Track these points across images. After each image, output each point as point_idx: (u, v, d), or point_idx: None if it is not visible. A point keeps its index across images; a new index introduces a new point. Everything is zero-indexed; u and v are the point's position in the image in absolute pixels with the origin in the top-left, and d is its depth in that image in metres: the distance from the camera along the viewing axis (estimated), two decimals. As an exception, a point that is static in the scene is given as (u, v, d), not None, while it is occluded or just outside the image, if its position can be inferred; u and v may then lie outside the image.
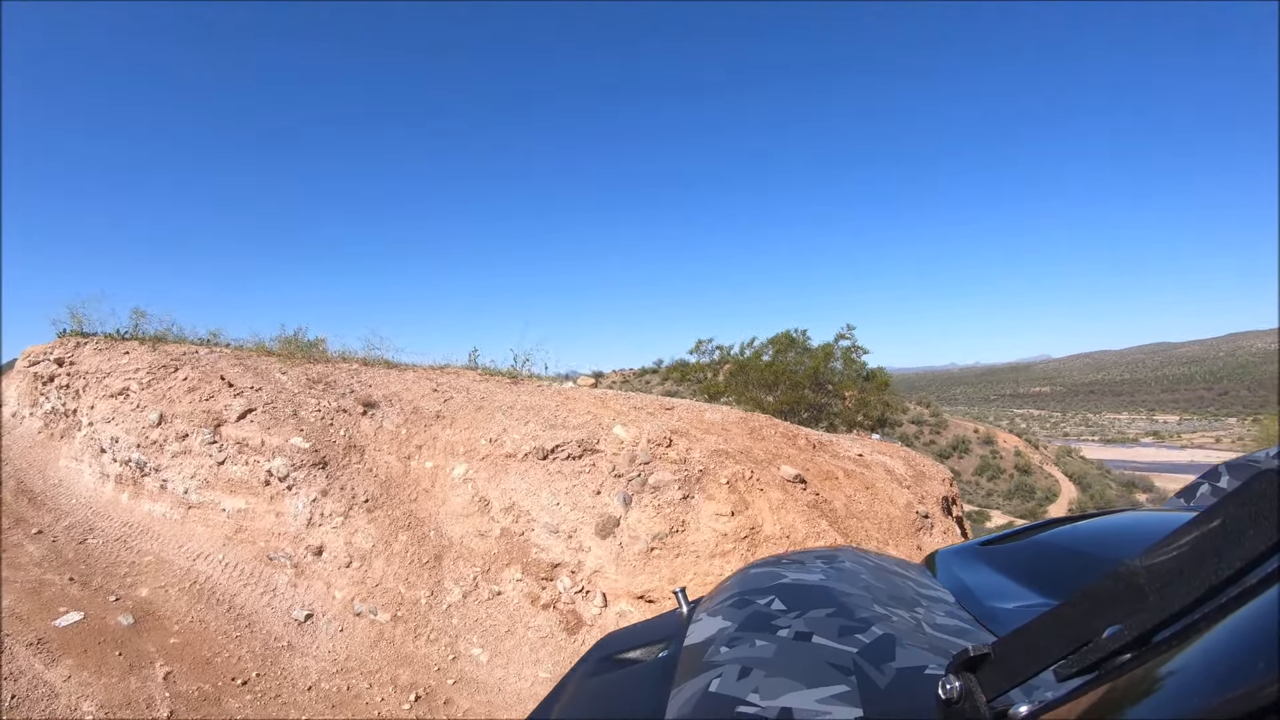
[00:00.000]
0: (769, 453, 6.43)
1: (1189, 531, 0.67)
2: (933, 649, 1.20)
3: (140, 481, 7.54)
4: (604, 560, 5.54)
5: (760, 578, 1.66)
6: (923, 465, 7.39)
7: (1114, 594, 0.72)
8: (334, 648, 5.71)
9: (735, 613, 1.46)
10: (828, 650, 1.20)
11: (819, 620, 1.33)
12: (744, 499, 5.67)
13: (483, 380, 8.24)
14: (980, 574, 1.74)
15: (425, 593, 5.84)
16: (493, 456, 6.41)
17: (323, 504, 6.39)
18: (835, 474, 6.34)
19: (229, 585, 6.38)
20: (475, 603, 5.73)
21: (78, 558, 6.94)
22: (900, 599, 1.50)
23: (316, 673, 5.49)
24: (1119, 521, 2.01)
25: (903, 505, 6.20)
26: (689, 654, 1.36)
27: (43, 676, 5.13)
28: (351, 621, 5.86)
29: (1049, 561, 1.73)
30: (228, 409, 7.20)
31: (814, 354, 15.51)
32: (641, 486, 5.79)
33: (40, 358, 9.68)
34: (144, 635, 5.80)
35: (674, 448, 6.08)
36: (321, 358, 8.72)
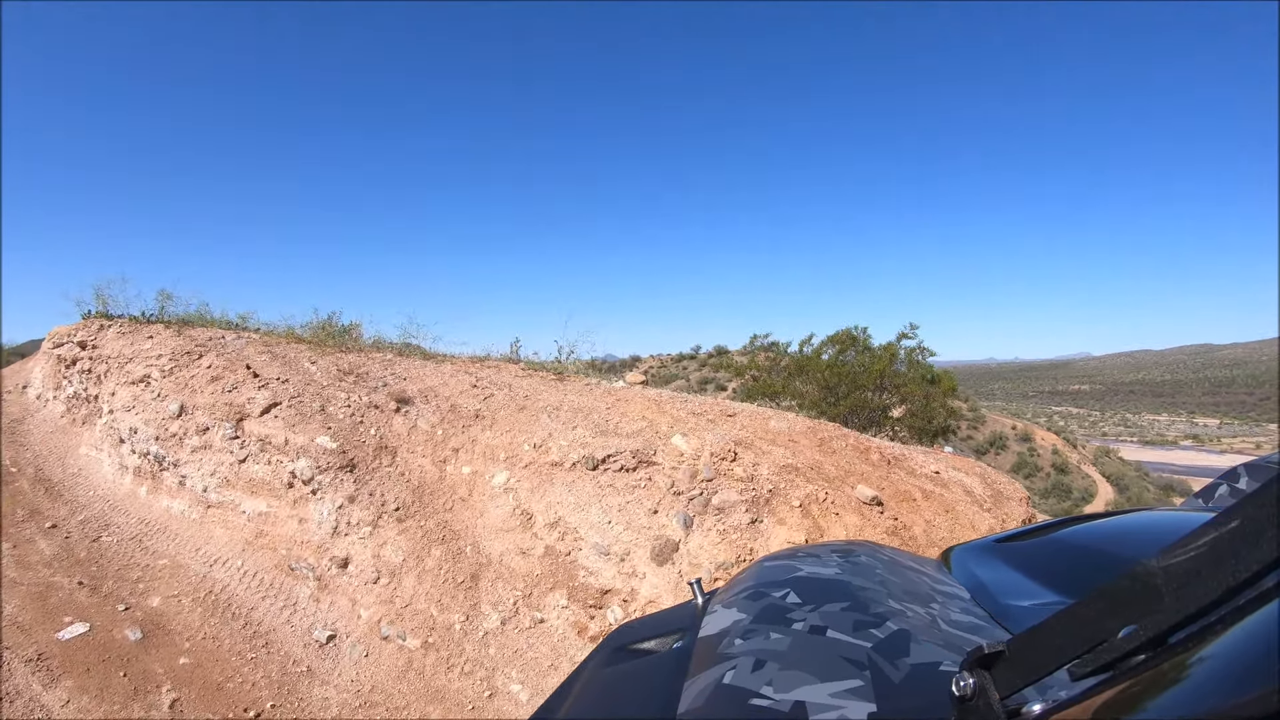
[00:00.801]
0: (841, 469, 5.64)
1: (1207, 532, 0.65)
2: (947, 645, 1.17)
3: (159, 476, 6.98)
4: (660, 590, 4.79)
5: (776, 570, 1.64)
6: (1000, 483, 6.57)
7: (1130, 594, 0.70)
8: (358, 676, 5.06)
9: (750, 605, 1.45)
10: (842, 644, 1.18)
11: (834, 614, 1.31)
12: (818, 524, 4.89)
13: (526, 375, 7.50)
14: (996, 571, 1.70)
15: (460, 617, 5.14)
16: (537, 464, 5.68)
17: (349, 511, 5.73)
18: (913, 495, 5.55)
19: (246, 597, 5.78)
20: (515, 631, 5.03)
21: (90, 557, 6.43)
22: (915, 594, 1.48)
23: (337, 705, 4.86)
24: (1136, 520, 1.99)
25: (984, 531, 5.39)
26: (703, 645, 1.35)
27: (40, 699, 4.67)
28: (378, 646, 5.20)
29: (1065, 559, 1.70)
30: (251, 402, 6.57)
31: (877, 354, 14.49)
32: (704, 507, 5.02)
33: (65, 339, 9.17)
34: (152, 653, 5.26)
35: (739, 462, 5.30)
36: (354, 346, 8.04)
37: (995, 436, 47.98)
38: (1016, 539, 1.97)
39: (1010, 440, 48.16)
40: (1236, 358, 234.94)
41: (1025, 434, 49.37)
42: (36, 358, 10.25)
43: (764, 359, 16.82)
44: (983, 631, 1.31)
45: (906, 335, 14.92)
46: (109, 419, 7.75)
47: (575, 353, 8.39)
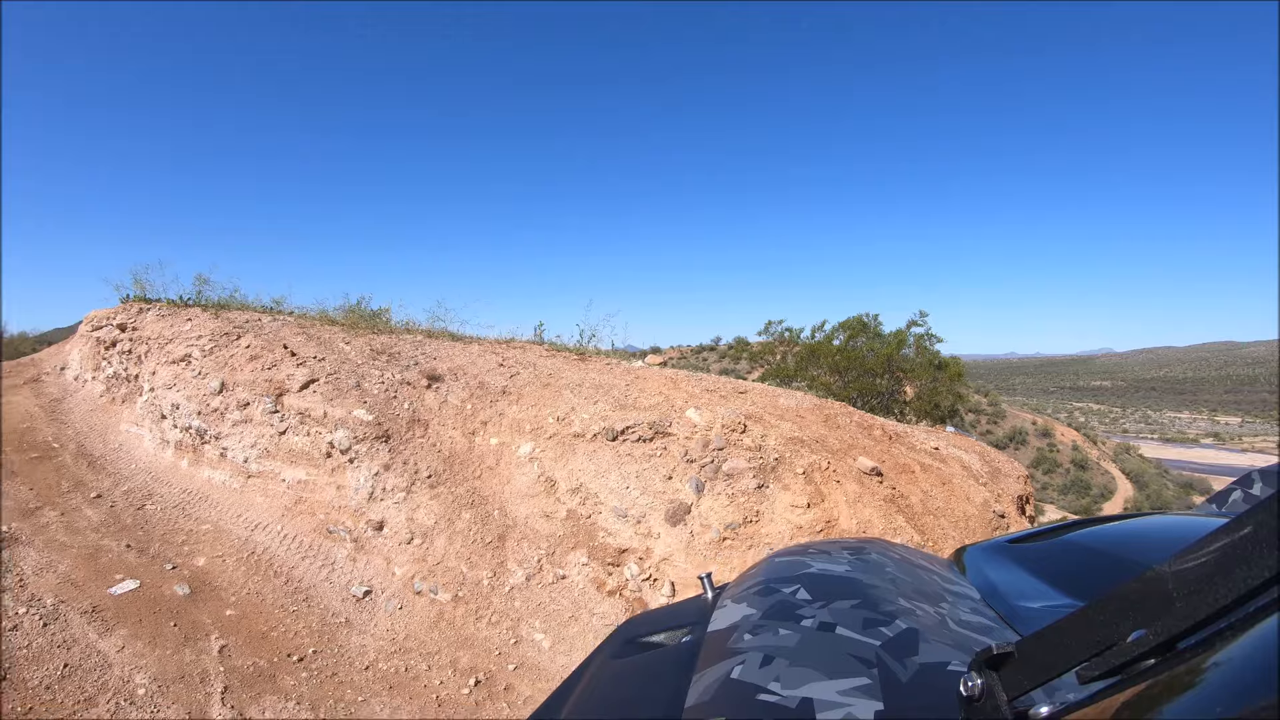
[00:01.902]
0: (845, 442, 6.16)
1: (1219, 538, 0.66)
2: (956, 645, 1.20)
3: (200, 449, 7.51)
4: (674, 548, 5.32)
5: (786, 566, 1.67)
6: (998, 461, 7.06)
7: (1140, 598, 0.71)
8: (393, 626, 5.58)
9: (760, 601, 1.47)
10: (851, 642, 1.20)
11: (843, 611, 1.33)
12: (820, 491, 5.41)
13: (550, 356, 8.06)
14: (1007, 572, 1.73)
15: (488, 573, 5.67)
16: (560, 436, 6.22)
17: (385, 478, 6.26)
18: (911, 468, 6.06)
19: (287, 557, 6.30)
20: (539, 586, 5.55)
21: (135, 524, 6.93)
22: (926, 593, 1.50)
23: (374, 651, 5.36)
24: (1148, 524, 2.02)
25: (979, 503, 5.89)
26: (712, 640, 1.37)
27: (96, 646, 5.09)
28: (411, 600, 5.72)
29: (1076, 562, 1.72)
30: (290, 378, 7.11)
31: (886, 340, 15.16)
32: (715, 473, 5.55)
33: (103, 322, 9.73)
34: (200, 606, 5.74)
35: (748, 434, 5.83)
36: (385, 328, 8.62)
37: (1015, 431, 48.09)
38: (1028, 540, 2.02)
39: (1030, 435, 48.24)
40: (1259, 356, 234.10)
41: (1045, 429, 49.41)
42: (73, 341, 10.81)
43: (780, 348, 17.46)
44: (992, 632, 1.34)
45: (916, 323, 15.54)
46: (150, 396, 8.29)
47: (597, 337, 8.97)
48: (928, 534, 5.39)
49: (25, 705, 4.29)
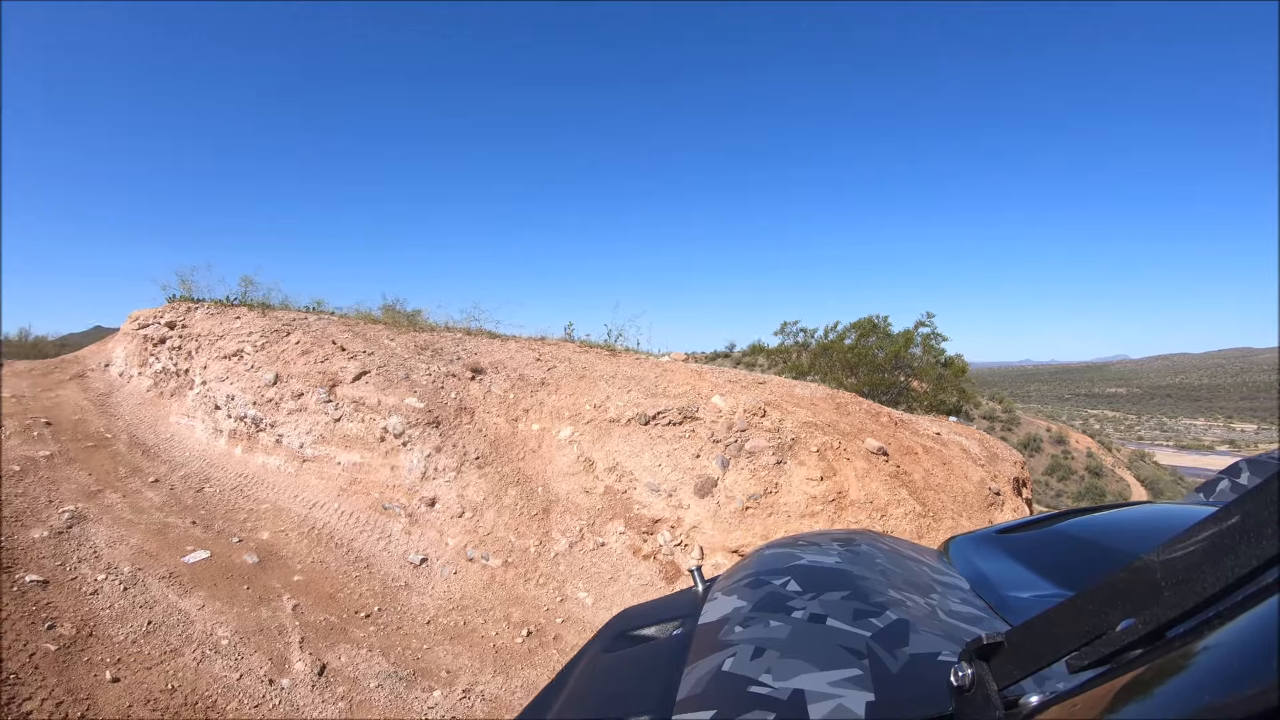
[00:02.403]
0: (854, 427, 7.02)
1: (1207, 527, 0.68)
2: (946, 636, 1.23)
3: (255, 436, 8.28)
4: (702, 517, 6.15)
5: (776, 558, 1.70)
6: (996, 447, 7.93)
7: (1129, 587, 0.73)
8: (449, 589, 6.34)
9: (750, 593, 1.50)
10: (842, 633, 1.23)
11: (834, 603, 1.36)
12: (832, 466, 6.25)
13: (583, 352, 8.93)
14: (996, 562, 1.79)
15: (534, 542, 6.47)
16: (597, 421, 7.07)
17: (436, 459, 7.06)
18: (915, 449, 6.90)
19: (346, 531, 7.05)
20: (581, 552, 6.35)
21: (196, 504, 7.64)
22: (915, 584, 1.55)
23: (434, 609, 6.12)
24: (1138, 514, 2.08)
25: (976, 481, 6.74)
26: (703, 633, 1.40)
27: (177, 605, 5.71)
28: (464, 566, 6.50)
29: (1066, 551, 1.79)
30: (343, 370, 7.92)
31: (895, 339, 16.31)
32: (738, 451, 6.39)
33: (150, 321, 10.49)
34: (269, 572, 6.45)
35: (768, 418, 6.68)
36: (426, 326, 9.48)
37: (1030, 438, 48.19)
38: (1018, 530, 2.07)
39: (1045, 442, 48.28)
40: (1276, 362, 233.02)
41: (1060, 436, 49.53)
42: (116, 339, 11.55)
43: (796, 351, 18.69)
44: (982, 623, 1.36)
45: (923, 323, 16.76)
46: (202, 389, 9.06)
47: (623, 335, 9.86)
48: (928, 506, 6.21)
49: (114, 657, 4.84)
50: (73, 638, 4.95)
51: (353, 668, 5.29)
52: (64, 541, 6.37)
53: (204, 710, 4.57)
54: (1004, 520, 6.55)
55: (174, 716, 4.43)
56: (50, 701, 4.19)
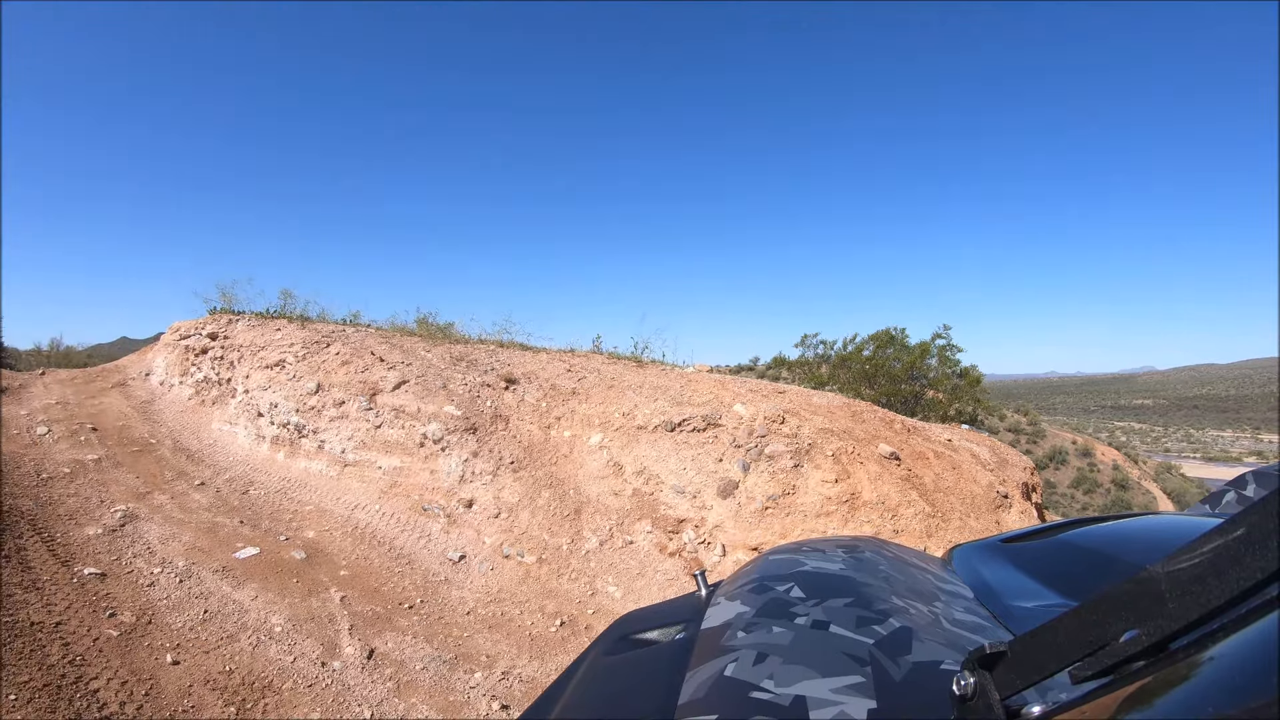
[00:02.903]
0: (869, 433, 7.61)
1: (1212, 539, 0.68)
2: (949, 644, 1.24)
3: (297, 442, 8.91)
4: (724, 517, 6.74)
5: (780, 564, 1.73)
6: (1006, 454, 8.51)
7: (1133, 598, 0.74)
8: (486, 583, 6.92)
9: (754, 598, 1.52)
10: (844, 640, 1.24)
11: (837, 610, 1.38)
12: (846, 469, 6.83)
13: (611, 363, 9.57)
14: (1000, 571, 1.81)
15: (566, 540, 7.06)
16: (625, 428, 7.69)
17: (474, 464, 7.68)
18: (926, 454, 7.49)
19: (387, 530, 7.65)
20: (610, 550, 6.94)
21: (242, 505, 8.23)
22: (919, 592, 1.56)
23: (473, 601, 6.69)
24: (1143, 525, 2.09)
25: (984, 485, 7.31)
26: (706, 637, 1.42)
27: (231, 596, 6.27)
28: (501, 562, 7.09)
29: (1070, 561, 1.80)
30: (382, 380, 8.57)
31: (911, 351, 17.03)
32: (759, 456, 6.99)
33: (191, 332, 11.20)
34: (316, 567, 7.00)
35: (786, 424, 7.28)
36: (460, 339, 10.17)
37: (1055, 451, 47.84)
38: (1022, 539, 2.09)
39: (1070, 455, 47.84)
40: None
41: (1086, 449, 49.15)
42: (156, 349, 12.26)
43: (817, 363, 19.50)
44: (985, 631, 1.38)
45: (939, 335, 17.51)
46: (244, 398, 9.73)
47: (649, 347, 10.51)
48: (937, 507, 6.77)
49: (174, 642, 5.37)
50: (133, 625, 5.45)
51: (399, 652, 5.80)
52: (118, 538, 6.93)
53: (261, 689, 5.08)
54: (1011, 521, 7.12)
55: (233, 694, 4.93)
56: (115, 681, 4.68)
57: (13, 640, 4.68)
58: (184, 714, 4.65)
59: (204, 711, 4.72)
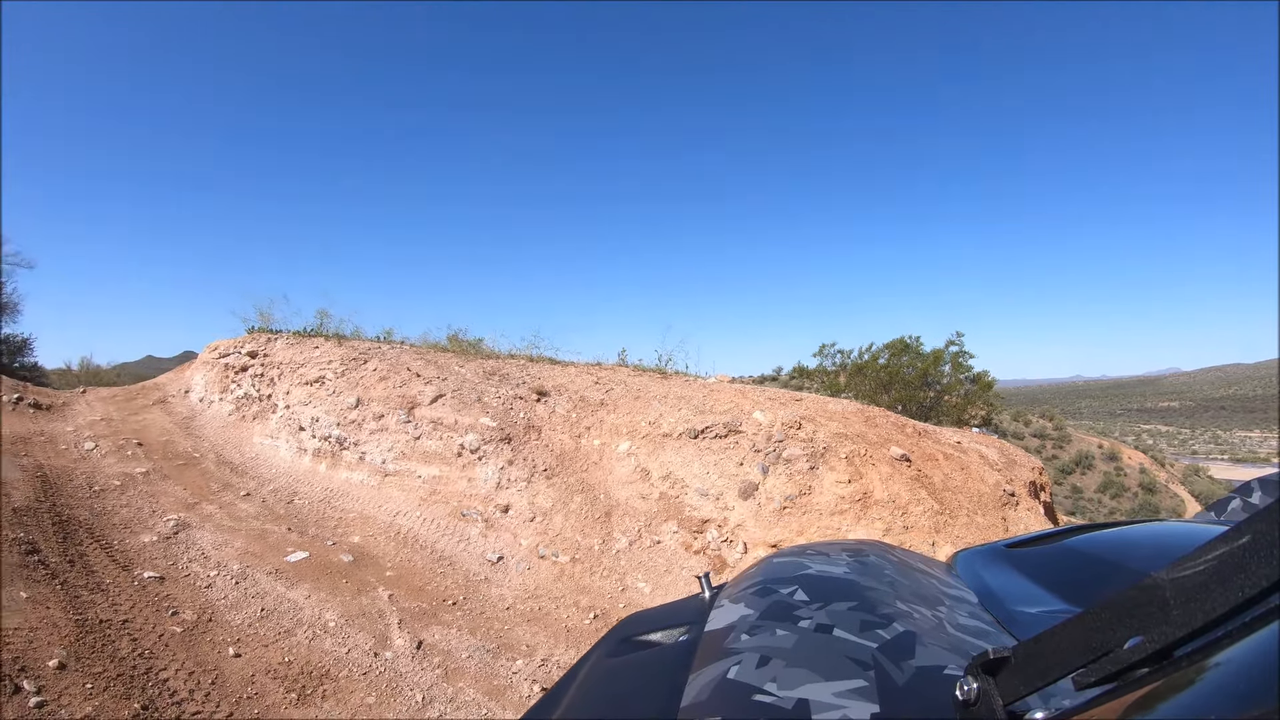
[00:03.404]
0: (881, 437, 8.28)
1: (1217, 546, 0.70)
2: (953, 649, 1.26)
3: (339, 454, 9.63)
4: (745, 516, 7.40)
5: (784, 567, 1.75)
6: (1015, 455, 9.19)
7: (1138, 605, 0.75)
8: (524, 581, 7.57)
9: (758, 601, 1.55)
10: (848, 644, 1.26)
11: (841, 613, 1.40)
12: (859, 471, 7.49)
13: (636, 375, 10.31)
14: (1005, 576, 1.83)
15: (598, 541, 7.73)
16: (651, 436, 8.39)
17: (509, 471, 8.38)
18: (936, 456, 8.15)
19: (428, 535, 8.30)
20: (639, 549, 7.60)
21: (288, 514, 8.88)
22: (923, 597, 1.59)
23: (512, 598, 7.32)
24: (1148, 531, 2.11)
25: (992, 484, 7.96)
26: (709, 640, 1.45)
27: (286, 595, 6.86)
28: (536, 562, 7.74)
29: (1074, 567, 1.83)
30: (420, 394, 9.30)
31: (925, 358, 17.83)
32: (777, 459, 7.66)
33: (230, 350, 11.97)
34: (363, 569, 7.61)
35: (802, 430, 7.96)
36: (491, 354, 10.93)
37: (1081, 455, 47.83)
38: (1027, 545, 2.12)
39: (1097, 459, 47.77)
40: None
41: (1112, 453, 48.90)
42: (194, 367, 13.03)
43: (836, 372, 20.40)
44: (989, 637, 1.42)
45: (953, 342, 18.37)
46: (285, 413, 10.46)
47: (673, 360, 11.29)
48: (945, 505, 7.40)
49: (234, 637, 5.93)
50: (194, 622, 6.01)
51: (445, 643, 6.39)
52: (172, 545, 7.54)
53: (319, 677, 5.63)
54: (1017, 518, 7.75)
55: (293, 682, 5.48)
56: (183, 671, 5.21)
57: (85, 635, 5.19)
58: (248, 700, 5.16)
59: (267, 698, 5.23)
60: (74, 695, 4.49)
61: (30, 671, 4.52)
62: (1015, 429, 49.94)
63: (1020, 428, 51.04)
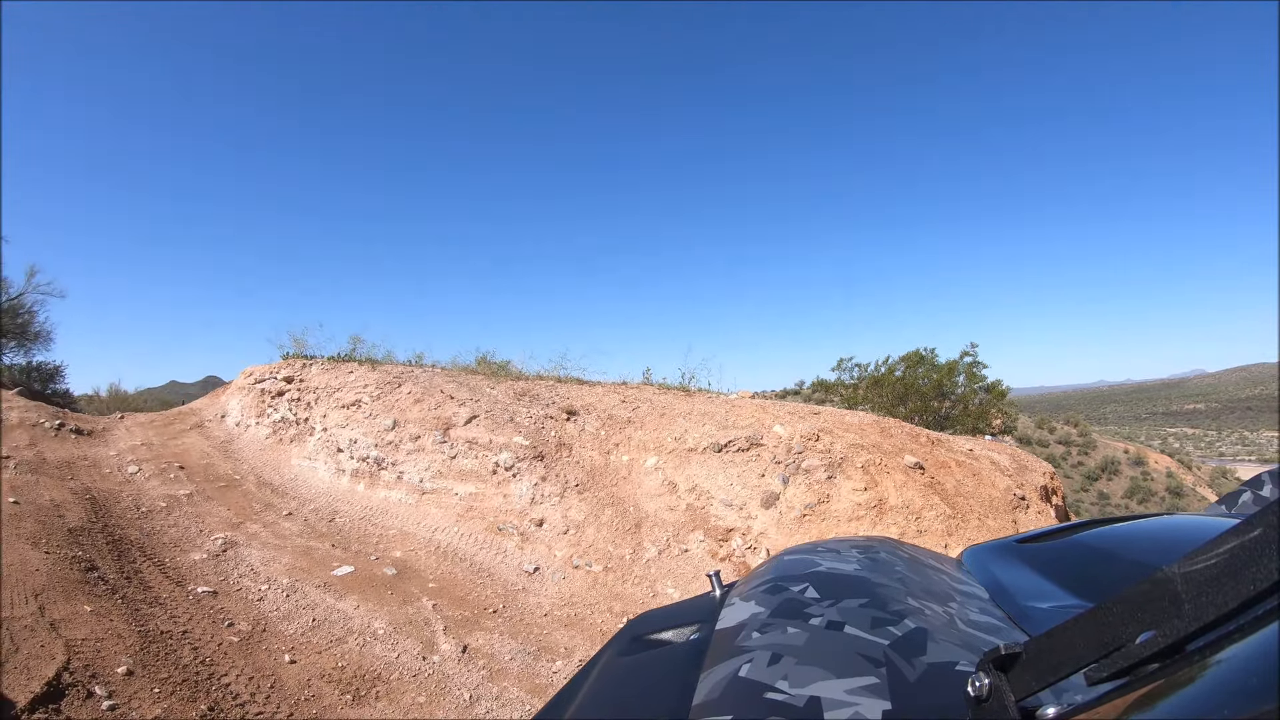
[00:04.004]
0: (895, 446, 8.93)
1: (1228, 540, 0.70)
2: (964, 645, 1.30)
3: (376, 474, 10.31)
4: (767, 525, 8.05)
5: (795, 565, 1.79)
6: (1027, 461, 9.84)
7: (1149, 599, 0.76)
8: (559, 590, 8.18)
9: (768, 599, 1.59)
10: (859, 641, 1.30)
11: (852, 610, 1.44)
12: (874, 479, 8.14)
13: (661, 393, 11.02)
14: (1016, 572, 1.86)
15: (629, 551, 8.38)
16: (677, 450, 9.07)
17: (542, 487, 9.05)
18: (948, 464, 8.78)
19: (466, 549, 8.93)
20: (668, 557, 8.25)
21: (330, 531, 9.47)
22: (934, 593, 1.62)
23: (549, 605, 7.92)
24: (1159, 525, 2.14)
25: (1002, 489, 8.58)
26: (720, 638, 1.49)
27: (335, 606, 7.39)
28: (571, 572, 8.38)
29: (1085, 562, 1.85)
30: (455, 415, 10.01)
31: (939, 369, 18.55)
32: (796, 470, 8.32)
33: (266, 376, 12.71)
34: (407, 581, 8.15)
35: (820, 441, 8.62)
36: (520, 376, 11.67)
37: (1107, 461, 47.67)
38: (1037, 540, 2.16)
39: (1123, 465, 47.73)
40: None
41: (1138, 457, 48.66)
42: (229, 392, 13.77)
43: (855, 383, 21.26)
44: (1000, 632, 1.45)
45: (967, 353, 19.21)
46: (323, 435, 11.18)
47: (695, 378, 12.04)
48: (957, 509, 8.01)
49: (289, 645, 6.43)
50: (250, 632, 6.51)
51: (489, 647, 6.93)
52: (222, 562, 8.09)
53: (372, 680, 6.13)
54: (1028, 520, 8.35)
55: (348, 685, 5.98)
56: (243, 677, 5.69)
57: (148, 645, 5.67)
58: (306, 701, 5.65)
59: (324, 699, 5.71)
60: (143, 699, 4.94)
61: (100, 678, 4.93)
62: (1040, 436, 50.14)
63: (1045, 435, 51.24)
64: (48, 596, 5.87)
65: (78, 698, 4.62)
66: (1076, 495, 42.99)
